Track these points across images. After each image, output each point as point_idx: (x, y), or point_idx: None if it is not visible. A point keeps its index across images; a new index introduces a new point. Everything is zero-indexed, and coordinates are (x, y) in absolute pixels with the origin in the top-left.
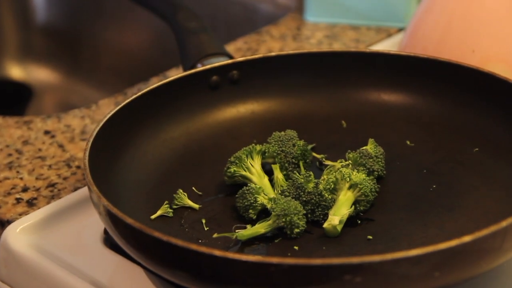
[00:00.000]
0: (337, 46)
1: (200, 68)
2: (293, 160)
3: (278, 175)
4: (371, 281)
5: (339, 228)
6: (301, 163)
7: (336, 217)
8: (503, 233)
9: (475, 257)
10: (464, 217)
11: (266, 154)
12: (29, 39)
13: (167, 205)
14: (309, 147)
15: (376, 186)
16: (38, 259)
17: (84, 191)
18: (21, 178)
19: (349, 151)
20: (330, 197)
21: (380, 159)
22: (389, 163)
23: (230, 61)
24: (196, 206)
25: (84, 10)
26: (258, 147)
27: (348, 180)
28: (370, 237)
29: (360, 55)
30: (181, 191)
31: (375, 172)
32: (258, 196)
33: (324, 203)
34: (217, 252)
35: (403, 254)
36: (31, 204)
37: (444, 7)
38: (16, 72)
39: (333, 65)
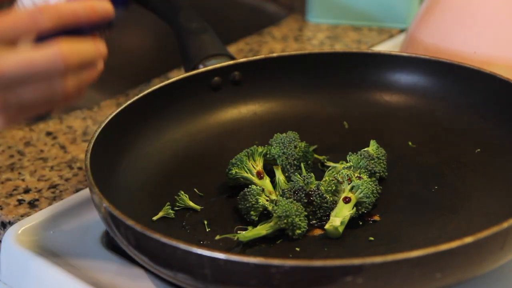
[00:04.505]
0: (339, 47)
1: (201, 69)
2: (295, 162)
3: (280, 176)
4: (372, 282)
5: (340, 229)
6: (302, 165)
7: (338, 219)
8: (505, 234)
9: (477, 258)
10: (465, 218)
11: (268, 156)
12: None
13: (168, 207)
14: (311, 148)
15: (377, 188)
16: (39, 261)
17: (85, 192)
18: (23, 180)
19: (350, 152)
20: (331, 198)
21: (382, 161)
22: (391, 164)
23: (231, 62)
24: (197, 207)
25: None
26: (259, 149)
27: (350, 181)
28: (372, 238)
29: (362, 56)
30: (182, 192)
31: (377, 174)
32: (259, 197)
33: (325, 204)
34: (219, 254)
35: (405, 255)
36: (33, 205)
37: (445, 8)
38: None
39: (335, 66)
